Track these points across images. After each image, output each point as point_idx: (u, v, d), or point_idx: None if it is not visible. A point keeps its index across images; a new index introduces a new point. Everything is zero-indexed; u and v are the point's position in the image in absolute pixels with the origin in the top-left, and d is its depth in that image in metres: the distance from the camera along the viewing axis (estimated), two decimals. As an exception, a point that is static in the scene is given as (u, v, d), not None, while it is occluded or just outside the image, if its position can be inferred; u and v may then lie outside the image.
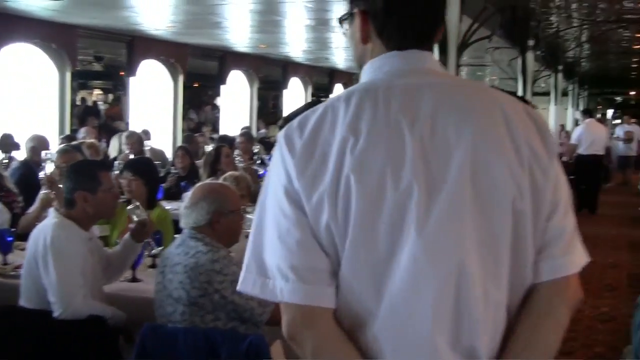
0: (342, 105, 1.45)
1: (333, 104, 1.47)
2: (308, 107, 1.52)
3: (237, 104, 15.49)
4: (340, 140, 1.41)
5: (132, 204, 3.96)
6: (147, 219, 3.83)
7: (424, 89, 1.47)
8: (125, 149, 7.73)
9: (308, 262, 1.41)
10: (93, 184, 3.54)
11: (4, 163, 7.24)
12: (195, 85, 21.11)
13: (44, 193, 4.97)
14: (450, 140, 1.41)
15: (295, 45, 13.21)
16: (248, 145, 8.85)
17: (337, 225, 1.40)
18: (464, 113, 1.44)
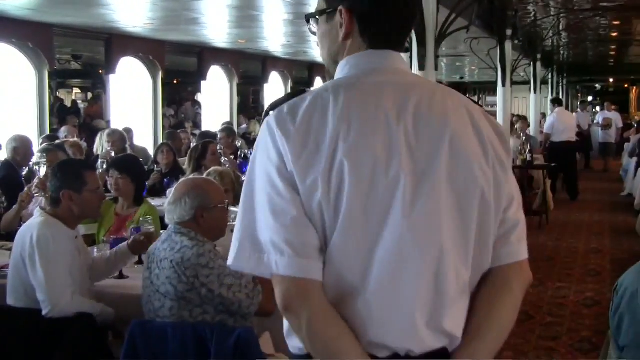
0: (330, 97, 1.56)
1: (321, 95, 1.58)
2: (291, 97, 1.62)
3: (217, 100, 15.44)
4: (333, 130, 1.52)
5: (142, 218, 4.00)
6: (154, 233, 3.84)
7: (406, 88, 1.61)
8: (107, 147, 7.70)
9: (301, 237, 1.50)
10: (79, 184, 3.55)
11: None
12: (175, 82, 21.03)
13: (24, 192, 4.97)
14: (432, 136, 1.56)
15: (274, 40, 13.18)
16: (229, 141, 8.85)
17: (328, 205, 1.50)
18: (442, 113, 1.59)
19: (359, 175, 1.50)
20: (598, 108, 26.04)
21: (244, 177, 1.63)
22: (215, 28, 11.33)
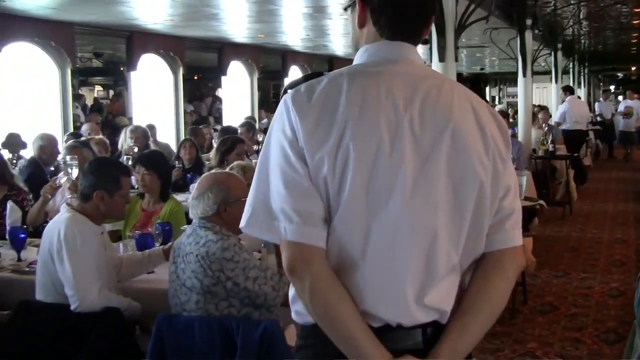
0: (345, 81, 1.68)
1: (336, 79, 1.70)
2: (308, 77, 1.76)
3: (238, 95, 15.47)
4: (343, 112, 1.63)
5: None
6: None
7: (416, 78, 1.71)
8: (130, 143, 7.76)
9: (309, 207, 1.62)
10: (114, 187, 3.61)
11: (13, 162, 7.29)
12: (196, 78, 21.10)
13: (47, 185, 5.02)
14: (435, 126, 1.66)
15: (294, 34, 13.17)
16: (250, 135, 8.90)
17: (332, 182, 1.62)
18: (447, 105, 1.69)
19: (363, 157, 1.60)
20: (620, 97, 25.76)
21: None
22: (235, 23, 11.34)
